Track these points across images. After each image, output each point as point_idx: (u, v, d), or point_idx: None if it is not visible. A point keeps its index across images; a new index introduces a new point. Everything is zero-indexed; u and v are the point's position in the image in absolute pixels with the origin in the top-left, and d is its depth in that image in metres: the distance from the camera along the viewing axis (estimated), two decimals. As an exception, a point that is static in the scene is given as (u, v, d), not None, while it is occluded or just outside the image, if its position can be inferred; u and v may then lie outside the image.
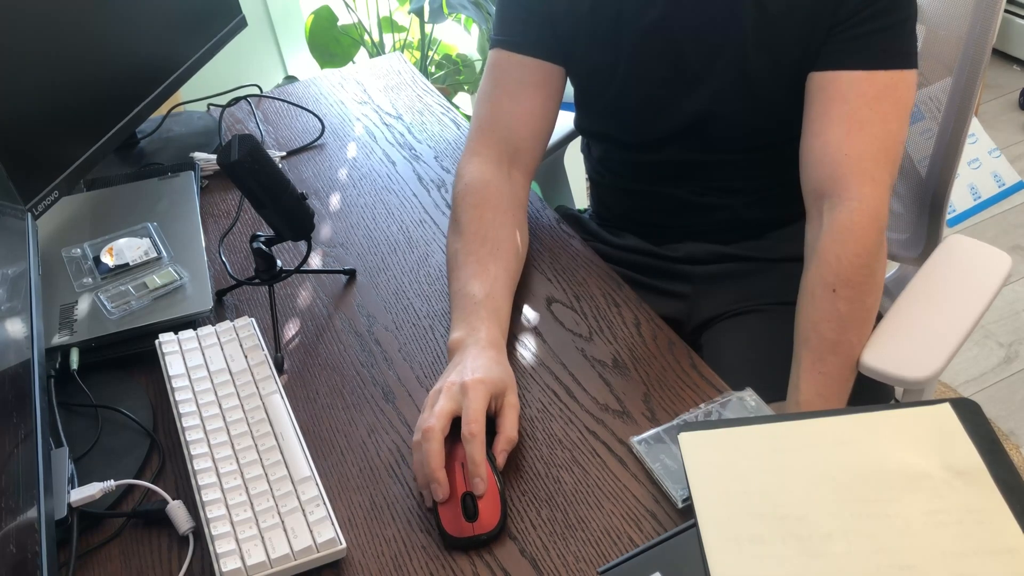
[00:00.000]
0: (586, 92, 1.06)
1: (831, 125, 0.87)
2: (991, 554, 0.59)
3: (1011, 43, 2.70)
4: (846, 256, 0.84)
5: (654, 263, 1.09)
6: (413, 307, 0.95)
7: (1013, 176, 2.22)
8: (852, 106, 0.86)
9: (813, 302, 0.85)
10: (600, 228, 1.15)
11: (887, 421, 0.69)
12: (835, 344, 0.83)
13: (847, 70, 0.86)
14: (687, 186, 1.04)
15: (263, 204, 0.86)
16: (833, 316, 0.83)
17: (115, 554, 0.74)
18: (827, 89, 0.88)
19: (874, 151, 0.85)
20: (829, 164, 0.86)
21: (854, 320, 0.84)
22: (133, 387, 0.88)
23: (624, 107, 1.01)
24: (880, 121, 0.85)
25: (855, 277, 0.84)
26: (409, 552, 0.71)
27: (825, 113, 0.87)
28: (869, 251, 0.84)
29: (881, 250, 0.85)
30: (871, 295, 0.85)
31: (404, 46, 2.37)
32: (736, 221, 1.06)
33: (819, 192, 0.88)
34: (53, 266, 0.99)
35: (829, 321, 0.84)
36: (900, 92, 0.86)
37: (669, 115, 0.98)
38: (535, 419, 0.81)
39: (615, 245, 1.12)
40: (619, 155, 1.09)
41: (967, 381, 1.82)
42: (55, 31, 0.97)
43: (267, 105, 1.35)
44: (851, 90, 0.86)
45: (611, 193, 1.15)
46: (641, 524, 0.71)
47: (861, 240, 0.84)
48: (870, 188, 0.85)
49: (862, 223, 0.84)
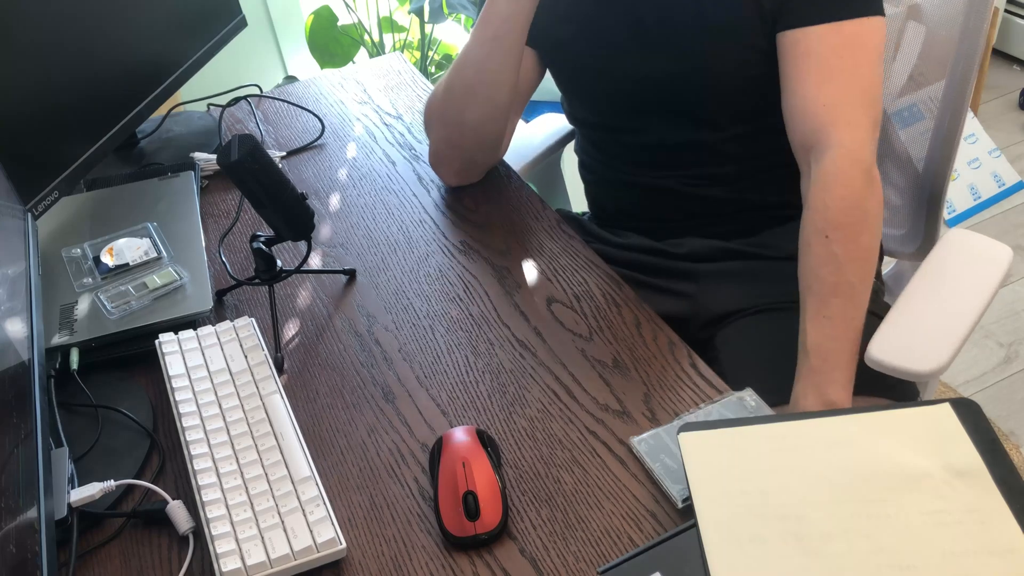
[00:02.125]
0: (559, 71, 1.09)
1: (805, 80, 0.90)
2: (991, 554, 0.59)
3: (1011, 43, 2.70)
4: (832, 201, 0.85)
5: (657, 261, 1.09)
6: (413, 307, 0.95)
7: (1013, 176, 2.23)
8: (822, 58, 0.89)
9: (810, 250, 0.86)
10: (601, 229, 1.16)
11: (887, 421, 0.69)
12: (835, 286, 0.84)
13: (813, 25, 0.89)
14: (678, 174, 1.06)
15: (263, 204, 0.86)
16: (829, 260, 0.84)
17: (115, 554, 0.74)
18: (797, 46, 0.90)
19: (848, 97, 0.88)
20: (808, 117, 0.89)
21: (850, 260, 0.84)
22: (133, 387, 0.88)
23: (590, 79, 1.05)
24: (851, 68, 0.88)
25: (844, 219, 0.85)
26: (409, 552, 0.71)
27: (797, 69, 0.90)
28: (855, 192, 0.86)
29: (869, 189, 0.86)
30: (865, 234, 0.86)
31: (404, 46, 2.37)
32: (733, 209, 1.07)
33: (804, 146, 0.90)
34: (53, 266, 0.99)
35: (826, 265, 0.84)
36: (866, 38, 0.89)
37: (637, 81, 1.01)
38: (535, 419, 0.81)
39: (617, 244, 1.13)
40: (607, 143, 1.11)
41: (967, 381, 1.82)
42: (55, 31, 0.97)
43: (267, 105, 1.35)
44: (820, 43, 0.89)
45: (605, 190, 1.16)
46: (641, 524, 0.71)
47: (845, 183, 0.86)
48: (848, 132, 0.87)
49: (843, 167, 0.86)
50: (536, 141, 1.33)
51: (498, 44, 0.98)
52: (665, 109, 1.02)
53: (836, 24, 0.88)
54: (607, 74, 1.03)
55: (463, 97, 1.02)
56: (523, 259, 0.99)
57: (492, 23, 0.97)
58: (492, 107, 1.02)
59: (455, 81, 1.02)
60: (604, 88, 1.05)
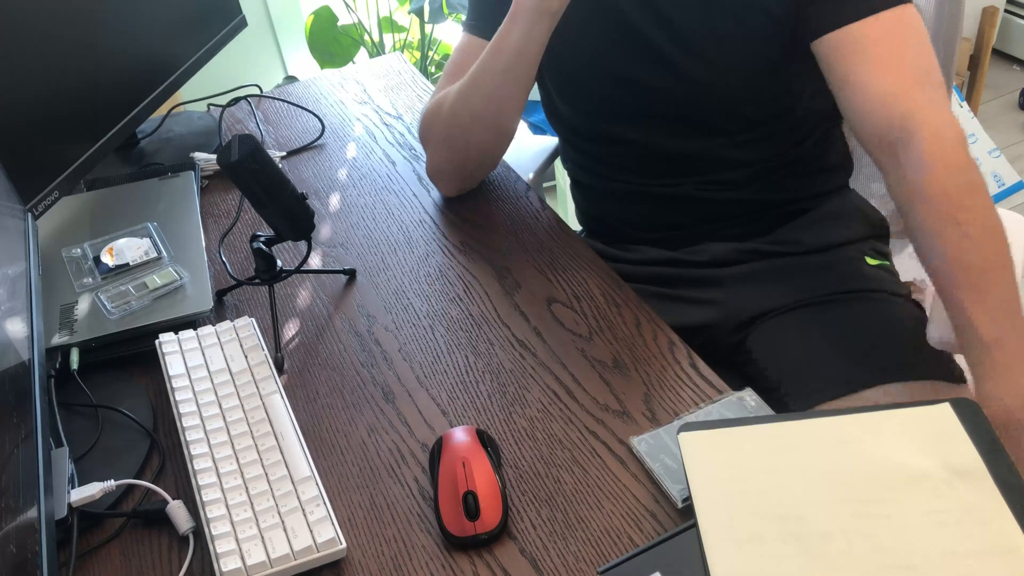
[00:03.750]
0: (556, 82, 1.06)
1: (862, 77, 0.86)
2: (991, 554, 0.59)
3: (1011, 43, 2.70)
4: (951, 185, 0.80)
5: (677, 272, 1.07)
6: (413, 307, 0.95)
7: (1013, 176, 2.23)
8: (872, 51, 0.85)
9: (942, 240, 0.80)
10: (607, 246, 1.13)
11: (887, 421, 0.69)
12: (983, 271, 0.79)
13: (850, 23, 0.86)
14: (693, 180, 1.04)
15: (263, 204, 0.86)
16: (968, 245, 0.79)
17: (115, 554, 0.74)
18: (842, 46, 0.87)
19: (914, 78, 0.84)
20: (880, 111, 0.85)
21: (989, 240, 0.80)
22: (133, 387, 0.88)
23: (594, 90, 1.02)
24: (904, 50, 0.85)
25: (968, 200, 0.80)
26: (409, 552, 0.71)
27: (852, 67, 0.86)
28: (967, 168, 0.81)
29: (973, 165, 0.82)
30: (986, 209, 0.81)
31: (404, 46, 2.37)
32: (748, 210, 1.05)
33: (882, 141, 0.85)
34: (53, 266, 0.99)
35: (968, 252, 0.79)
36: (909, 20, 0.86)
37: (629, 88, 0.99)
38: (535, 419, 0.81)
39: (630, 261, 1.10)
40: (609, 155, 1.08)
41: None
42: (55, 31, 0.97)
43: (267, 105, 1.35)
44: (864, 38, 0.86)
45: (607, 204, 1.13)
46: (641, 524, 0.71)
47: (954, 162, 0.81)
48: (932, 112, 0.83)
49: (945, 147, 0.81)
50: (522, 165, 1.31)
51: (511, 75, 0.95)
52: (673, 120, 1.00)
53: (874, 16, 0.85)
54: (613, 86, 1.00)
55: (470, 123, 1.00)
56: (523, 259, 0.99)
57: (504, 55, 0.94)
58: (500, 134, 1.01)
59: (461, 108, 0.99)
60: (610, 99, 1.02)
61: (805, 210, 1.06)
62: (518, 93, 0.97)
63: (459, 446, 0.74)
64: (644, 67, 0.97)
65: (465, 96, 0.99)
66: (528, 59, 0.94)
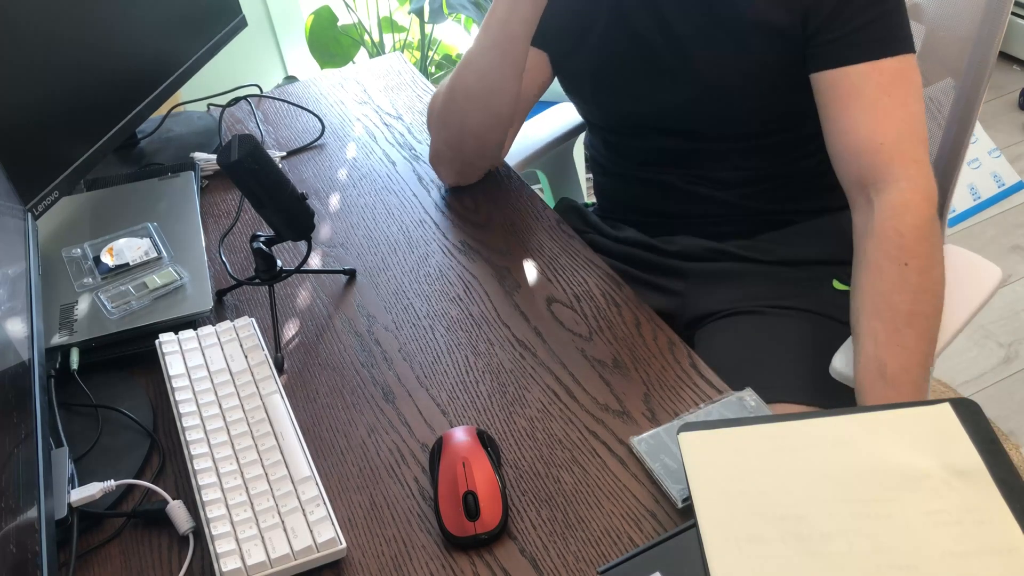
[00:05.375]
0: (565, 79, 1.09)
1: (856, 118, 0.88)
2: (991, 554, 0.59)
3: (1012, 43, 2.70)
4: (907, 229, 0.84)
5: (649, 256, 1.10)
6: (413, 307, 0.95)
7: (1013, 176, 2.23)
8: (871, 97, 0.87)
9: (881, 275, 0.84)
10: (600, 220, 1.16)
11: (887, 421, 0.69)
12: (910, 316, 0.82)
13: (853, 64, 0.88)
14: (680, 172, 1.06)
15: (263, 204, 0.86)
16: (905, 288, 0.83)
17: (115, 554, 0.74)
18: (839, 85, 0.89)
19: (907, 133, 0.87)
20: (867, 155, 0.88)
21: (925, 291, 0.83)
22: (133, 387, 0.88)
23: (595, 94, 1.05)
24: (901, 105, 0.87)
25: (920, 249, 0.84)
26: (409, 552, 0.71)
27: (845, 109, 0.89)
28: (928, 224, 0.85)
29: (937, 226, 0.86)
30: (936, 267, 0.84)
31: (404, 46, 2.37)
32: (728, 213, 1.07)
33: (862, 182, 0.89)
34: (53, 266, 0.99)
35: (901, 293, 0.83)
36: (909, 74, 0.88)
37: (636, 99, 1.01)
38: (535, 419, 0.81)
39: (612, 237, 1.13)
40: (614, 144, 1.11)
41: (967, 381, 1.82)
42: (55, 31, 0.97)
43: (267, 105, 1.35)
44: (864, 82, 0.88)
45: (611, 184, 1.17)
46: (641, 524, 0.71)
47: (918, 214, 0.85)
48: (915, 168, 0.86)
49: (915, 200, 0.85)
50: (546, 131, 1.33)
51: (497, 51, 0.97)
52: (669, 129, 1.03)
53: (877, 62, 0.87)
54: (612, 94, 1.04)
55: (464, 102, 1.01)
56: (523, 259, 0.99)
57: (490, 31, 0.96)
58: (493, 116, 1.02)
59: (457, 86, 1.01)
60: (608, 104, 1.06)
61: (790, 222, 1.07)
62: (508, 72, 0.98)
63: (459, 446, 0.74)
64: (650, 79, 0.99)
65: (459, 74, 1.01)
66: (513, 37, 0.96)
